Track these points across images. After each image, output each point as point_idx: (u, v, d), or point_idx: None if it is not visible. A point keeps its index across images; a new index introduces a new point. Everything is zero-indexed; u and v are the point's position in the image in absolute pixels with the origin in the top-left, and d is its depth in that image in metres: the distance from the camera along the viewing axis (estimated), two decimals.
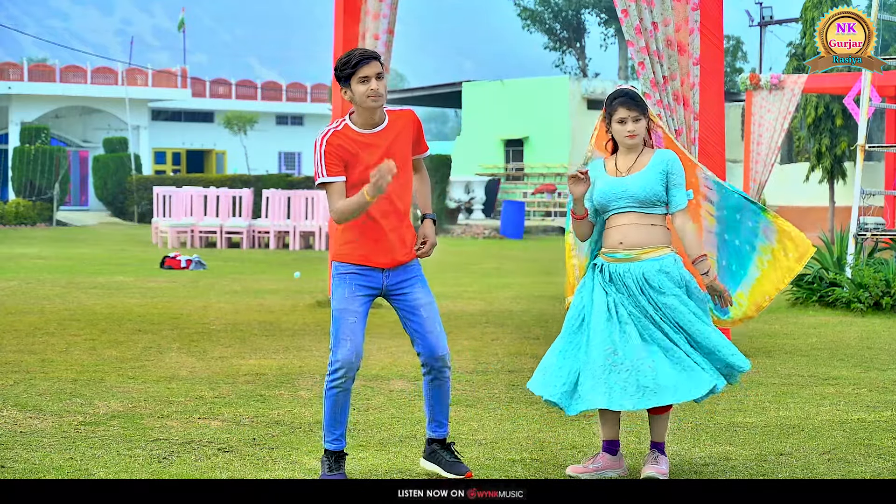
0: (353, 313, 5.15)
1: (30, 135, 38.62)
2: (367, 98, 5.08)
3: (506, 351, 9.58)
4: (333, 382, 5.16)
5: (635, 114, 5.44)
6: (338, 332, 5.14)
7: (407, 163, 5.22)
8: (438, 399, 5.35)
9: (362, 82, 5.08)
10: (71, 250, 23.69)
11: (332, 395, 5.18)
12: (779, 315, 12.40)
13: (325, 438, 5.27)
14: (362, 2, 12.36)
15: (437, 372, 5.30)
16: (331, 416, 5.22)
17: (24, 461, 5.63)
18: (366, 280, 5.20)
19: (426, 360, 5.28)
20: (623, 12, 8.91)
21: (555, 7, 50.76)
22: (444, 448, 5.38)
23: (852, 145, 26.29)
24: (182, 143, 50.91)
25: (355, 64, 5.06)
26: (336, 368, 5.13)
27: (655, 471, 5.39)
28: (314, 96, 52.35)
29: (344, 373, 5.13)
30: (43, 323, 11.05)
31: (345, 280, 5.19)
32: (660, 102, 9.01)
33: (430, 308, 5.27)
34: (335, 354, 5.13)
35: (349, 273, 5.19)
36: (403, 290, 5.25)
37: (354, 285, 5.18)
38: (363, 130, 5.16)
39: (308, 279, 16.52)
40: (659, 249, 5.44)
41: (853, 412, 7.08)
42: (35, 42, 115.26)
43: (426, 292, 5.30)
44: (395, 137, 5.19)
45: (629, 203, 5.42)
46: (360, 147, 5.14)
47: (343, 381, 5.14)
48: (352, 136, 5.15)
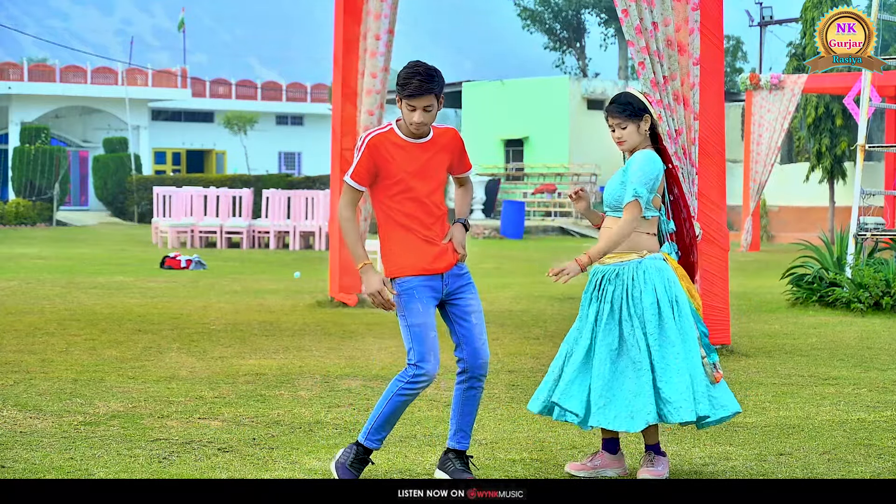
0: (432, 327, 5.20)
1: (30, 135, 38.62)
2: (409, 125, 5.18)
3: (506, 351, 9.58)
4: (410, 389, 5.17)
5: (619, 121, 5.50)
6: (422, 347, 5.16)
7: (442, 173, 5.28)
8: (469, 409, 5.33)
9: (410, 109, 5.15)
10: (71, 250, 23.69)
11: (400, 402, 5.20)
12: (779, 315, 12.40)
13: (369, 437, 5.27)
14: (363, 2, 12.37)
15: (475, 380, 5.29)
16: (387, 419, 5.24)
17: (24, 461, 5.63)
18: (431, 291, 5.24)
19: (468, 366, 5.27)
20: (623, 12, 8.91)
21: (555, 7, 50.77)
22: (458, 457, 5.36)
23: (852, 145, 26.29)
24: (182, 143, 50.91)
25: (408, 94, 5.11)
26: (422, 379, 5.15)
27: (650, 473, 5.38)
28: (314, 96, 52.34)
29: (425, 384, 5.17)
30: (43, 323, 11.05)
31: (413, 294, 5.20)
32: (660, 102, 9.01)
33: (480, 316, 5.32)
34: (422, 368, 5.14)
35: (416, 286, 5.21)
36: (459, 295, 5.29)
37: (425, 297, 5.21)
38: (407, 138, 5.22)
39: (308, 279, 16.52)
40: (637, 253, 5.43)
41: (853, 412, 7.08)
42: (35, 42, 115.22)
43: (477, 300, 5.35)
44: (437, 152, 5.25)
45: (605, 207, 5.55)
46: (399, 152, 5.19)
47: (418, 391, 5.19)
48: (394, 141, 5.21)
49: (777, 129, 23.79)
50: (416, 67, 5.12)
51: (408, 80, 5.09)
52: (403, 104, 5.14)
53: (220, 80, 51.83)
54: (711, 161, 9.41)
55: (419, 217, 5.21)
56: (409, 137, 5.21)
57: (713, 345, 9.36)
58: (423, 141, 5.23)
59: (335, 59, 12.73)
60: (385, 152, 5.18)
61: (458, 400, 5.34)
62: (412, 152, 5.20)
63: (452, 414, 5.37)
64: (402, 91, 5.11)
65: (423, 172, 5.20)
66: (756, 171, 24.03)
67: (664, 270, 5.43)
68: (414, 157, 5.20)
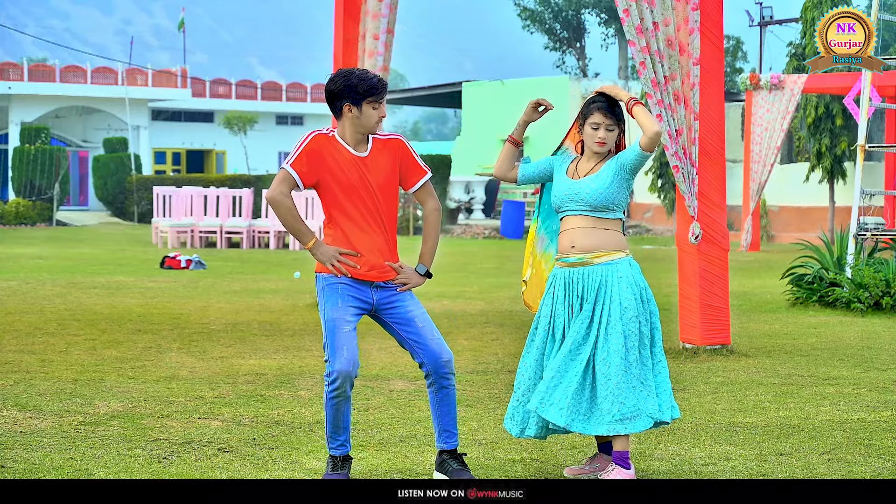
0: (347, 322, 5.13)
1: (30, 135, 38.60)
2: (375, 124, 5.15)
3: (506, 351, 9.58)
4: (333, 392, 5.14)
5: (610, 122, 5.36)
6: (333, 341, 5.12)
7: (390, 187, 5.22)
8: (447, 409, 5.30)
9: (375, 108, 5.14)
10: (71, 250, 23.68)
11: (332, 405, 5.17)
12: (779, 315, 12.40)
13: (330, 445, 5.26)
14: (362, 2, 12.37)
15: (442, 379, 5.24)
16: (333, 424, 5.22)
17: (24, 461, 5.63)
18: (358, 293, 5.20)
19: (431, 368, 5.23)
20: (624, 12, 8.91)
21: (555, 7, 50.73)
22: (453, 457, 5.35)
23: (852, 145, 26.27)
24: (182, 143, 50.89)
25: (379, 91, 5.11)
26: (334, 379, 5.11)
27: (617, 474, 5.27)
28: (314, 96, 52.31)
29: (341, 382, 5.11)
30: (43, 323, 11.05)
31: (336, 290, 5.17)
32: (660, 102, 9.01)
33: (425, 317, 5.26)
34: (332, 365, 5.11)
35: (340, 283, 5.17)
36: (393, 303, 5.24)
37: (347, 296, 5.17)
38: (349, 148, 5.18)
39: (308, 279, 16.51)
40: (612, 253, 5.35)
41: (853, 412, 7.08)
42: (35, 42, 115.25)
43: (417, 303, 5.28)
44: (379, 163, 5.20)
45: (581, 207, 5.37)
46: (340, 161, 5.15)
47: (341, 390, 5.13)
48: (337, 148, 5.17)
49: (777, 129, 23.77)
50: (365, 71, 5.15)
51: (373, 84, 5.10)
52: (368, 105, 5.12)
53: (220, 80, 51.80)
54: (711, 161, 9.41)
55: (360, 226, 5.16)
56: (350, 146, 5.18)
57: (714, 345, 9.39)
58: (365, 154, 5.19)
59: (335, 59, 12.73)
60: (327, 157, 5.15)
61: (434, 402, 5.31)
62: (354, 161, 5.17)
63: (433, 417, 5.35)
64: (371, 93, 5.09)
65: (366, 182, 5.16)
66: (756, 171, 24.01)
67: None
68: (355, 168, 5.16)
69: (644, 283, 5.40)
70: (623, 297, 5.28)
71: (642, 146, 5.27)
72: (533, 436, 5.41)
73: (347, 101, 5.13)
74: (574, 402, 5.23)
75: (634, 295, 5.30)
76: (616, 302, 5.27)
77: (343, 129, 5.19)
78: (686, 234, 9.36)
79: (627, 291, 5.29)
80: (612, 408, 5.18)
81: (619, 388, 5.19)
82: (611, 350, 5.22)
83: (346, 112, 5.14)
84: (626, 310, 5.26)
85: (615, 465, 5.28)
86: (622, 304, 5.27)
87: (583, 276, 5.35)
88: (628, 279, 5.31)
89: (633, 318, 5.27)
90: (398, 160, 5.25)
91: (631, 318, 5.26)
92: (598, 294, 5.31)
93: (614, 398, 5.18)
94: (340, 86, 5.13)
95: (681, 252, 9.51)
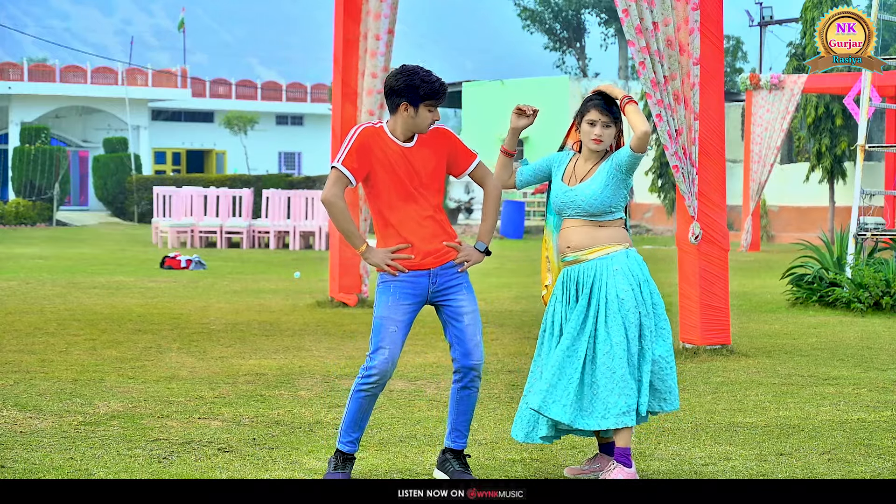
0: (395, 322, 5.18)
1: (30, 135, 38.61)
2: (428, 126, 5.20)
3: (506, 351, 9.58)
4: (364, 386, 5.18)
5: (606, 119, 5.36)
6: (378, 339, 5.17)
7: (437, 175, 5.28)
8: (465, 409, 5.33)
9: (431, 111, 5.18)
10: (71, 250, 23.68)
11: (359, 398, 5.20)
12: (779, 315, 12.40)
13: (341, 439, 5.28)
14: (363, 1, 12.37)
15: (468, 381, 5.29)
16: (353, 418, 5.24)
17: (24, 461, 5.63)
18: (411, 288, 5.22)
19: (461, 366, 5.27)
20: (624, 12, 8.91)
21: (555, 7, 50.75)
22: (456, 458, 5.37)
23: (852, 145, 26.27)
24: (182, 143, 50.90)
25: (440, 96, 5.16)
26: (371, 374, 5.15)
27: (620, 474, 5.26)
28: (314, 96, 52.33)
29: (377, 379, 5.16)
30: (43, 323, 11.04)
31: (388, 288, 5.21)
32: (660, 102, 9.01)
33: (474, 317, 5.30)
34: (372, 360, 5.16)
35: (394, 282, 5.20)
36: (448, 295, 5.28)
37: (399, 293, 5.20)
38: (397, 140, 5.21)
39: (308, 279, 16.52)
40: (608, 247, 5.36)
41: (853, 412, 7.08)
42: (35, 42, 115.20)
43: (471, 300, 5.33)
44: (425, 153, 5.24)
45: (578, 212, 5.41)
46: (389, 153, 5.19)
47: (374, 387, 5.18)
48: (386, 141, 5.20)
49: (777, 129, 23.78)
50: (429, 73, 5.18)
51: (437, 87, 5.14)
52: (425, 107, 5.16)
53: (220, 80, 51.82)
54: (711, 161, 9.41)
55: (412, 216, 5.21)
56: (398, 140, 5.21)
57: (714, 345, 9.39)
58: (412, 144, 5.23)
59: (335, 59, 12.73)
60: (376, 150, 5.19)
61: (453, 399, 5.35)
62: (404, 153, 5.21)
63: (449, 413, 5.39)
64: (431, 96, 5.12)
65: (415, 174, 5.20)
66: (756, 171, 24.01)
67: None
68: (405, 160, 5.20)
69: (644, 274, 5.37)
70: (619, 289, 5.28)
71: (632, 147, 5.28)
72: (543, 435, 5.39)
73: (405, 100, 5.15)
74: (576, 399, 5.24)
75: (631, 285, 5.30)
76: (612, 294, 5.28)
77: (394, 125, 5.22)
78: (686, 234, 9.36)
79: (623, 282, 5.29)
80: (618, 400, 5.19)
81: (624, 380, 5.20)
82: (613, 343, 5.23)
83: (402, 110, 5.17)
84: (623, 301, 5.26)
85: (616, 464, 5.28)
86: (619, 296, 5.27)
87: (577, 273, 5.38)
88: (624, 270, 5.31)
89: (633, 309, 5.27)
90: (446, 149, 5.31)
91: (630, 308, 5.27)
92: (592, 288, 5.32)
93: (620, 390, 5.19)
94: (402, 84, 5.15)
95: (681, 252, 9.51)
